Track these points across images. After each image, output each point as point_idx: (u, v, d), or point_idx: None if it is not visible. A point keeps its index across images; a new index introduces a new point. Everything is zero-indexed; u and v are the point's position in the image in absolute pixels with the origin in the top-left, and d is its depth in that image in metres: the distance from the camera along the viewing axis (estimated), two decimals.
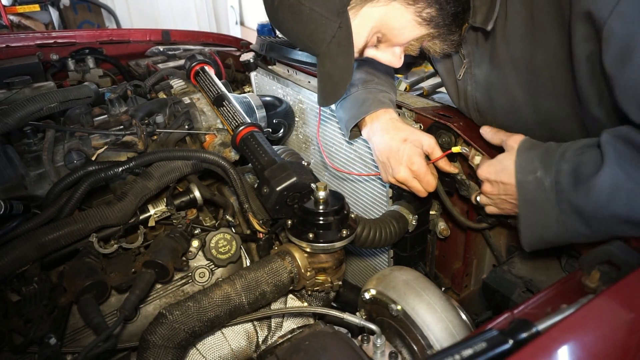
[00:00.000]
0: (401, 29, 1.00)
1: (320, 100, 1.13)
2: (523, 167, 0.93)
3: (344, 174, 1.60)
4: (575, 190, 0.83)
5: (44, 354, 0.90)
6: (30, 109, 1.22)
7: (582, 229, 0.85)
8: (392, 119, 1.23)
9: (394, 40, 1.03)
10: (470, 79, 1.14)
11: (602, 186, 0.78)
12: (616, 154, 0.78)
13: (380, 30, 1.00)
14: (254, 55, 1.94)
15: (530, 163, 0.92)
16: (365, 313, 1.08)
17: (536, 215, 0.91)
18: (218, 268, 1.25)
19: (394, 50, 1.06)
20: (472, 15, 1.00)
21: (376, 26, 0.99)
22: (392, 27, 0.99)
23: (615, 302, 0.63)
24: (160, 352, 0.90)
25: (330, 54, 0.99)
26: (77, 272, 1.03)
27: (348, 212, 1.05)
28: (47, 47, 2.13)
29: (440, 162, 1.19)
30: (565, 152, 0.88)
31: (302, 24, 0.95)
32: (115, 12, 5.23)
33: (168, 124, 1.46)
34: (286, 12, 0.95)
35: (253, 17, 7.24)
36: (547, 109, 1.01)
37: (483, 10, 0.97)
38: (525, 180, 0.92)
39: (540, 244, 0.94)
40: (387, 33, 1.01)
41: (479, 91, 1.13)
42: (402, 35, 1.01)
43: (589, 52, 0.83)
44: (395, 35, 1.01)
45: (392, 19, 0.98)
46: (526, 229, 0.94)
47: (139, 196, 1.19)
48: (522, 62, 0.98)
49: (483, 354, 0.58)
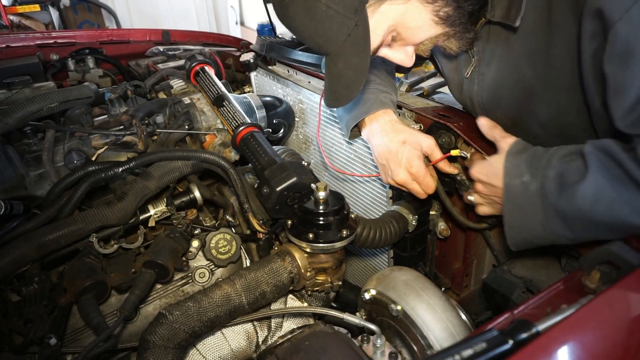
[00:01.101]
0: (418, 28, 0.97)
1: (330, 101, 1.08)
2: (510, 171, 0.96)
3: (344, 174, 1.60)
4: (560, 195, 0.86)
5: (44, 354, 0.90)
6: (30, 109, 1.22)
7: (565, 232, 0.88)
8: (391, 121, 1.23)
9: (409, 39, 1.01)
10: (477, 78, 1.13)
11: (585, 193, 0.81)
12: (599, 164, 0.81)
13: (397, 29, 0.98)
14: (254, 55, 1.94)
15: (517, 167, 0.94)
16: (365, 313, 1.08)
17: (521, 218, 0.94)
18: (218, 268, 1.25)
19: (406, 49, 1.04)
20: (490, 9, 0.98)
21: (393, 25, 0.96)
22: (409, 26, 0.97)
23: (615, 302, 0.63)
24: (160, 352, 0.90)
25: (343, 53, 0.95)
26: (77, 272, 1.03)
27: (348, 212, 1.05)
28: (47, 47, 2.13)
29: (440, 163, 1.19)
30: (552, 157, 0.90)
31: (316, 21, 0.90)
32: (115, 12, 5.24)
33: (168, 124, 1.46)
34: (298, 9, 0.91)
35: (253, 17, 7.23)
36: (560, 102, 1.00)
37: (503, 5, 0.95)
38: (511, 184, 0.94)
39: (525, 244, 0.97)
40: (402, 32, 0.99)
41: (486, 91, 1.13)
42: (418, 34, 0.99)
43: (595, 49, 0.83)
44: (411, 34, 0.99)
45: (410, 17, 0.95)
46: (511, 230, 0.97)
47: (139, 196, 1.19)
48: (539, 54, 0.97)
49: (483, 354, 0.58)
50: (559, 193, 0.86)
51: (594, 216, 0.82)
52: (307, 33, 0.94)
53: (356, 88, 1.02)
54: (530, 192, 0.90)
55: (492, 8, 0.98)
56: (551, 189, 0.87)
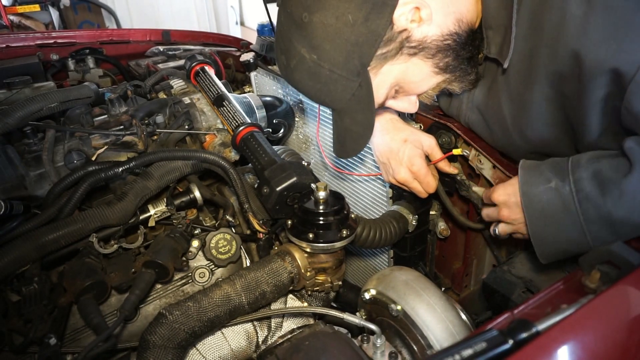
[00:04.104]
0: (420, 81, 1.01)
1: (339, 152, 1.12)
2: (528, 180, 0.92)
3: (344, 174, 1.60)
4: (604, 195, 0.81)
5: (44, 354, 0.90)
6: (31, 109, 1.22)
7: (609, 236, 0.83)
8: (392, 119, 1.23)
9: (411, 92, 1.04)
10: (468, 98, 1.14)
11: (635, 188, 0.78)
12: None
13: (399, 84, 1.01)
14: (254, 55, 1.94)
15: (539, 175, 0.91)
16: (365, 313, 1.08)
17: (553, 228, 0.89)
18: (218, 268, 1.25)
19: (410, 98, 1.07)
20: (486, 46, 1.00)
21: (395, 82, 0.99)
22: (411, 80, 1.00)
23: (615, 302, 0.63)
24: (160, 352, 0.90)
25: (349, 110, 0.99)
26: (77, 272, 1.03)
27: (348, 212, 1.05)
28: (47, 47, 2.13)
29: (441, 163, 1.19)
30: (579, 161, 0.87)
31: (321, 83, 0.94)
32: (115, 12, 5.23)
33: (168, 124, 1.46)
34: (303, 74, 0.94)
35: (253, 17, 7.24)
36: (537, 138, 1.02)
37: (497, 41, 0.97)
38: (532, 192, 0.91)
39: (560, 255, 0.92)
40: (405, 86, 1.02)
41: (474, 112, 1.14)
42: (420, 86, 1.03)
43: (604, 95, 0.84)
44: (414, 87, 1.02)
45: (411, 73, 0.98)
46: (541, 243, 0.92)
47: (139, 196, 1.19)
48: (515, 96, 0.99)
49: (483, 354, 0.58)
50: (602, 192, 0.81)
51: None
52: (314, 94, 0.98)
53: (363, 142, 1.06)
54: (563, 198, 0.86)
55: (488, 45, 0.99)
56: (591, 189, 0.83)
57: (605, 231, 0.83)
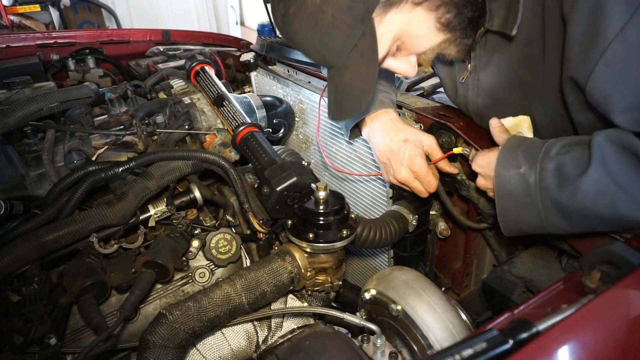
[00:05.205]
0: (422, 36, 0.98)
1: (335, 114, 1.06)
2: (503, 162, 0.96)
3: (344, 174, 1.60)
4: (560, 189, 0.86)
5: (44, 354, 0.90)
6: (31, 109, 1.22)
7: (562, 224, 0.90)
8: (392, 119, 1.23)
9: (412, 49, 1.01)
10: (473, 84, 1.14)
11: (587, 188, 0.82)
12: (603, 156, 0.81)
13: (401, 38, 0.98)
14: (254, 55, 1.94)
15: (513, 159, 0.95)
16: (365, 313, 1.08)
17: (517, 209, 0.95)
18: (218, 268, 1.25)
19: (410, 59, 1.04)
20: (488, 19, 0.99)
21: (399, 33, 0.96)
22: (414, 34, 0.97)
23: (615, 302, 0.63)
24: (160, 352, 0.90)
25: (350, 64, 0.95)
26: (77, 272, 1.03)
27: (348, 212, 1.05)
28: (48, 47, 2.13)
29: (441, 162, 1.19)
30: (550, 149, 0.91)
31: (322, 33, 0.89)
32: (115, 12, 5.23)
33: (168, 124, 1.46)
34: (303, 21, 0.89)
35: (253, 17, 7.24)
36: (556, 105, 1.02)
37: (500, 14, 0.97)
38: (504, 174, 0.95)
39: (519, 233, 0.99)
40: (407, 41, 0.99)
41: (482, 97, 1.14)
42: (422, 43, 1.00)
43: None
44: (416, 43, 0.99)
45: (414, 26, 0.95)
46: (504, 220, 0.99)
47: (139, 196, 1.19)
48: (537, 60, 0.99)
49: (483, 354, 0.58)
50: (559, 187, 0.86)
51: (596, 211, 0.82)
52: (312, 46, 0.94)
53: (365, 99, 1.00)
54: (528, 184, 0.91)
55: (491, 18, 0.99)
56: (550, 181, 0.88)
57: (559, 219, 0.89)
